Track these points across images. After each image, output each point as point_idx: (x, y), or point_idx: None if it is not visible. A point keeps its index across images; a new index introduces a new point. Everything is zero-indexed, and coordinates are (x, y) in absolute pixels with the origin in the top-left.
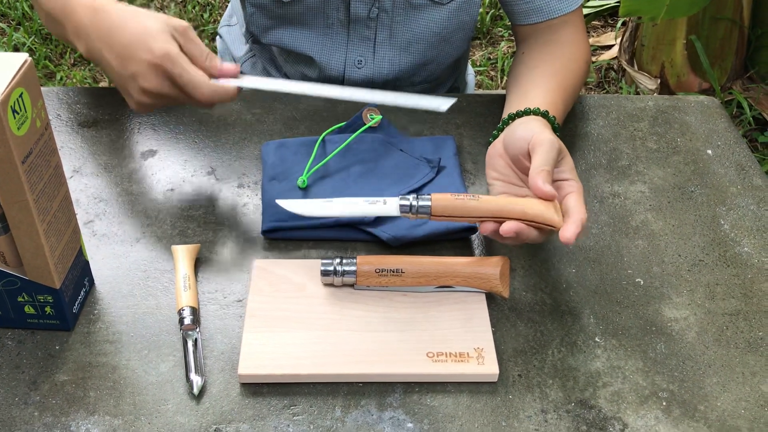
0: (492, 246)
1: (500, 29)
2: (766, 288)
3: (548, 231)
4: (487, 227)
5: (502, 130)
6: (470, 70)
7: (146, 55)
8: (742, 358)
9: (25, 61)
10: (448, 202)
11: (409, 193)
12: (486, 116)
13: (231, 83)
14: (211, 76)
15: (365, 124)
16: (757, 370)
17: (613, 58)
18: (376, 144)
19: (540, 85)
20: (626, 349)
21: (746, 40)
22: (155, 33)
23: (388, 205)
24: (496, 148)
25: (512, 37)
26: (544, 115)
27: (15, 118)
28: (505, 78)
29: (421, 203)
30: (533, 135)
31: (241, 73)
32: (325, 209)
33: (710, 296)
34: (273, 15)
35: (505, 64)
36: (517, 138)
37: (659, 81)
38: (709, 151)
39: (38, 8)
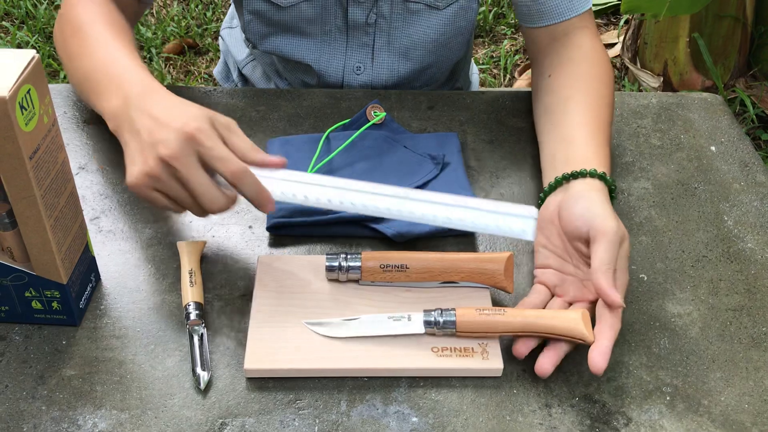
0: (496, 242)
1: (503, 27)
2: None
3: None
4: (521, 351)
5: (554, 188)
6: (474, 69)
7: (179, 125)
8: (746, 353)
9: (33, 58)
10: (473, 318)
11: (434, 310)
12: (490, 113)
13: (264, 181)
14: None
15: (369, 121)
16: (760, 365)
17: (616, 56)
18: (380, 141)
19: (583, 128)
20: (630, 344)
21: (749, 38)
22: (197, 113)
23: (412, 322)
24: (550, 211)
25: (515, 35)
26: (602, 177)
27: (23, 114)
28: (508, 77)
29: (445, 319)
30: (595, 220)
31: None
32: (347, 325)
33: (714, 292)
34: (270, 22)
35: (508, 62)
36: (575, 216)
37: (662, 79)
38: (713, 148)
39: (68, 63)
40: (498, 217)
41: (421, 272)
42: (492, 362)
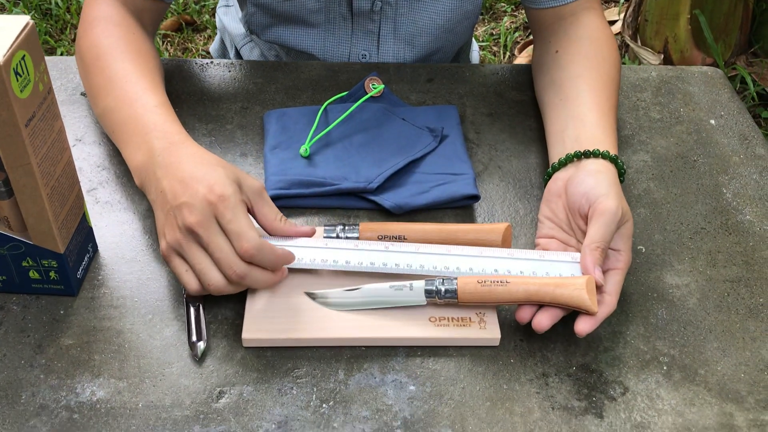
0: (494, 213)
1: (503, 4)
2: None
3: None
4: (523, 317)
5: (564, 164)
6: (474, 46)
7: (204, 190)
8: (743, 323)
9: (27, 24)
10: (474, 288)
11: (435, 279)
12: (489, 87)
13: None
14: (284, 236)
15: (367, 93)
16: (757, 335)
17: (617, 34)
18: (379, 113)
19: (594, 109)
20: (627, 314)
21: (751, 15)
22: (223, 177)
23: (414, 291)
24: (558, 186)
25: (515, 13)
26: (613, 160)
27: (18, 80)
28: (508, 54)
29: (447, 287)
30: (597, 199)
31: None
32: (348, 295)
33: (712, 263)
34: (274, 14)
35: (508, 39)
36: (581, 194)
37: (662, 56)
38: (712, 121)
39: (91, 98)
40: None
41: (419, 243)
42: (489, 332)
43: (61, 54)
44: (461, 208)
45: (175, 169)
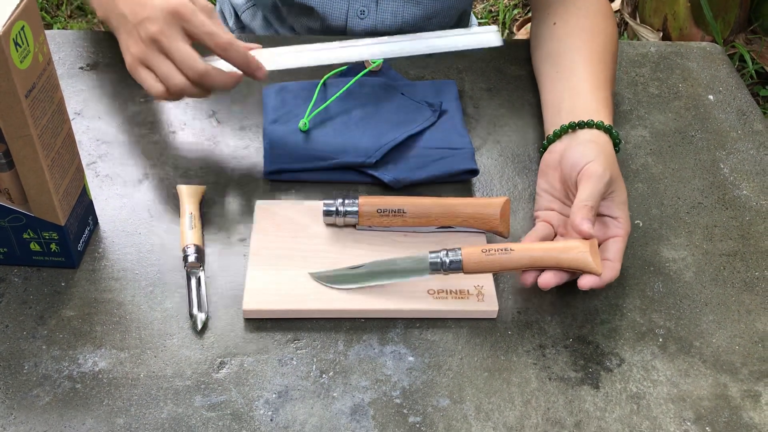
0: (492, 188)
1: None
2: (764, 229)
3: (588, 289)
4: (528, 280)
5: (559, 135)
6: (474, 21)
7: (161, 3)
8: (738, 296)
9: None
10: (479, 258)
11: (439, 251)
12: (488, 61)
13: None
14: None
15: (366, 68)
16: (752, 308)
17: (616, 11)
18: (378, 88)
19: (589, 81)
20: (624, 287)
21: None
22: None
23: (419, 266)
24: (554, 157)
25: None
26: (608, 130)
27: (17, 51)
28: (507, 32)
29: (451, 259)
30: (585, 163)
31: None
32: (358, 273)
33: (708, 237)
34: None
35: (507, 17)
36: (572, 161)
37: (661, 34)
38: (711, 97)
39: None
40: (462, 36)
41: (418, 217)
42: (487, 304)
43: (58, 29)
44: (460, 182)
45: None
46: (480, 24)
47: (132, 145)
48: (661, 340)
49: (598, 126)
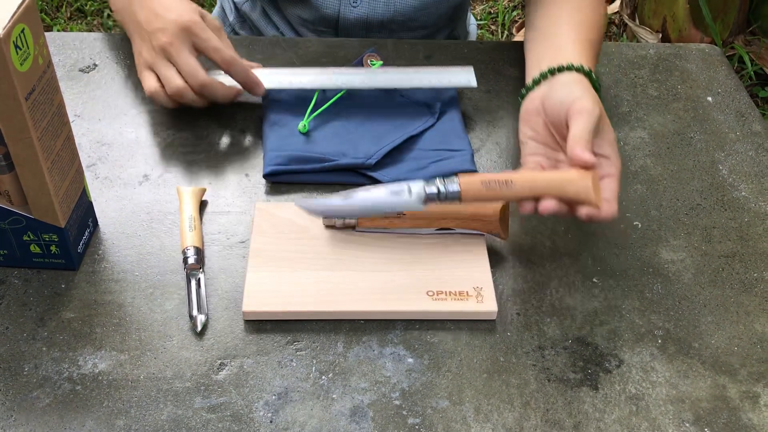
0: None
1: None
2: (762, 231)
3: (587, 220)
4: (525, 207)
5: (538, 83)
6: (472, 20)
7: (174, 17)
8: (737, 298)
9: None
10: (478, 191)
11: (435, 177)
12: (487, 63)
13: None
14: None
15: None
16: (751, 309)
17: (615, 13)
18: (377, 90)
19: (572, 37)
20: (623, 289)
21: None
22: (190, 8)
23: (413, 196)
24: (534, 104)
25: None
26: (587, 74)
27: (17, 53)
28: (506, 33)
29: (449, 188)
30: (573, 101)
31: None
32: (346, 203)
33: (707, 239)
34: None
35: (506, 18)
36: (557, 101)
37: (660, 35)
38: (710, 98)
39: None
40: (439, 74)
41: (418, 219)
42: (486, 305)
43: (57, 31)
44: None
45: (149, 3)
46: (479, 25)
47: (132, 147)
48: (660, 341)
49: (578, 69)
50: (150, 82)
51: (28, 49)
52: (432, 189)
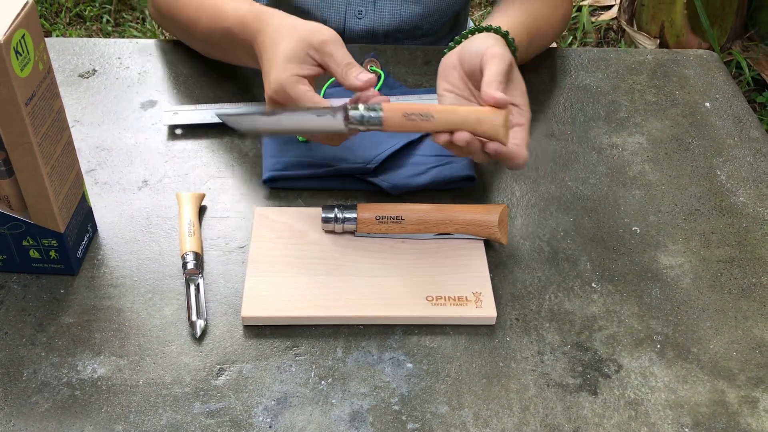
0: (491, 195)
1: None
2: (760, 236)
3: (493, 154)
4: (440, 139)
5: (459, 42)
6: (471, 25)
7: (266, 85)
8: (735, 303)
9: (27, 3)
10: (399, 121)
11: (366, 108)
12: None
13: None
14: (351, 88)
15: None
16: (749, 314)
17: (613, 19)
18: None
19: (508, 14)
20: (622, 294)
21: (747, 0)
22: (280, 62)
23: (336, 118)
24: (451, 59)
25: None
26: (504, 35)
27: (18, 59)
28: None
29: (371, 114)
30: (487, 48)
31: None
32: (270, 122)
33: (705, 244)
34: None
35: None
36: (472, 52)
37: (658, 41)
38: (707, 104)
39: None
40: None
41: (417, 224)
42: (485, 311)
43: (56, 37)
44: (458, 189)
45: (261, 49)
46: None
47: (131, 153)
48: (658, 346)
49: (496, 30)
50: None
51: (29, 55)
52: (355, 113)
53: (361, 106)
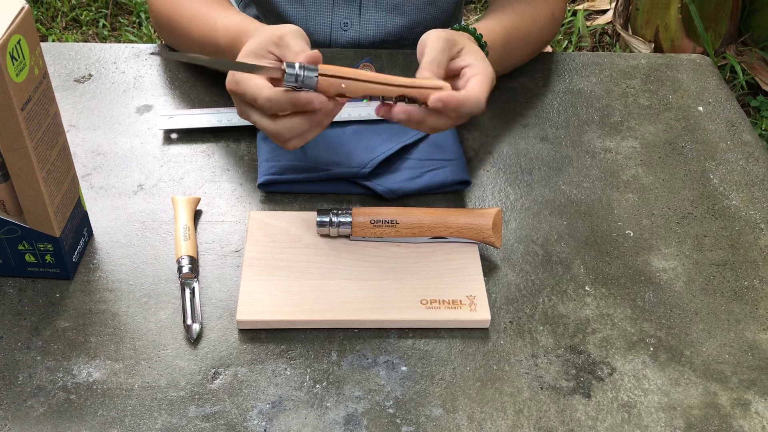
0: (485, 198)
1: None
2: (753, 239)
3: (451, 115)
4: (379, 110)
5: None
6: None
7: (226, 81)
8: (728, 306)
9: (23, 8)
10: (336, 87)
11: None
12: None
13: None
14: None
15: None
16: (741, 317)
17: (608, 23)
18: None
19: (485, 16)
20: (615, 297)
21: (741, 4)
22: (240, 58)
23: (272, 72)
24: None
25: None
26: (472, 32)
27: (14, 64)
28: None
29: (307, 74)
30: (426, 36)
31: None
32: (211, 60)
33: (698, 247)
34: None
35: None
36: (421, 42)
37: (653, 45)
38: (700, 108)
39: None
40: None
41: (411, 227)
42: (480, 314)
43: (52, 41)
44: (452, 193)
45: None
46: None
47: (126, 157)
48: (651, 349)
49: (464, 29)
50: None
51: (24, 60)
52: (291, 70)
53: (297, 66)
